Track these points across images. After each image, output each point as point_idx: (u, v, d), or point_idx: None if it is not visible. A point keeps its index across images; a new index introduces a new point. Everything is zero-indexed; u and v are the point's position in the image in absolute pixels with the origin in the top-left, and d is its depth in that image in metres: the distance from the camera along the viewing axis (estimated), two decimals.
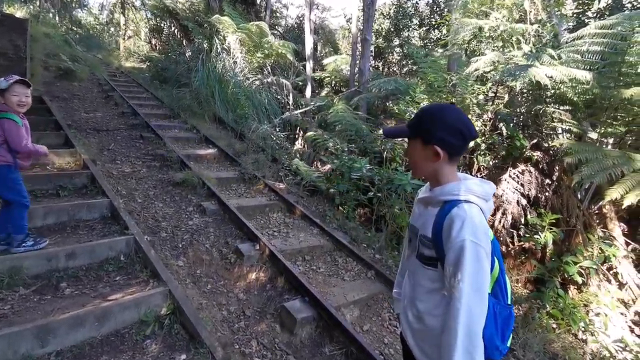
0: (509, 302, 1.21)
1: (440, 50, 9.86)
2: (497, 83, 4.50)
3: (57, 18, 17.95)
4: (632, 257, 4.04)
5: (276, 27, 15.72)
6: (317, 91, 12.45)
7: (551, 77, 3.25)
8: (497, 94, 4.72)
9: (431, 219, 1.17)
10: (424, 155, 1.17)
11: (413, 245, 1.29)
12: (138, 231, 3.26)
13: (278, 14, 19.33)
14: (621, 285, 3.91)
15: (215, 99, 8.16)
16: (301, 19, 16.24)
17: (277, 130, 7.93)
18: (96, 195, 3.82)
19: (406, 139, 1.27)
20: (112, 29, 20.25)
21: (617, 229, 4.19)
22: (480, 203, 1.12)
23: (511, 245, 4.17)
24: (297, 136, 9.75)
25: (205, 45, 10.13)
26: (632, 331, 3.57)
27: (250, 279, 3.27)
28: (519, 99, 4.51)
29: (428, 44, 11.38)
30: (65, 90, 8.26)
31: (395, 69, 12.43)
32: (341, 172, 5.42)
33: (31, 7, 18.02)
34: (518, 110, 4.51)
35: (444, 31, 11.44)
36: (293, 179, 5.72)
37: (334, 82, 12.53)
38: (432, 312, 1.20)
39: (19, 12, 16.74)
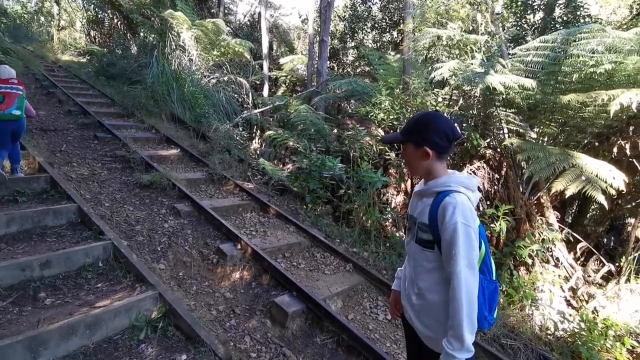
0: (494, 278, 1.43)
1: (393, 53, 10.38)
2: (452, 87, 4.93)
3: None
4: (564, 240, 4.68)
5: (228, 24, 15.41)
6: (273, 90, 12.45)
7: (503, 83, 3.68)
8: (452, 98, 5.16)
9: (427, 208, 1.38)
10: (417, 155, 1.40)
11: (412, 232, 1.49)
12: (115, 236, 3.16)
13: (228, 11, 18.93)
14: (557, 265, 4.53)
15: (172, 97, 7.88)
16: (253, 16, 16.07)
17: (240, 129, 7.86)
18: (60, 200, 3.61)
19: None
20: (42, 18, 18.46)
21: (552, 216, 4.81)
22: (468, 193, 1.34)
23: None
24: (254, 135, 9.72)
25: (157, 41, 9.69)
26: (569, 304, 4.16)
27: (234, 278, 3.31)
28: (472, 102, 4.99)
29: (381, 46, 11.89)
30: None
31: (349, 70, 12.81)
32: (310, 171, 5.57)
33: None
34: (471, 112, 4.98)
35: (395, 34, 12.04)
36: (261, 179, 5.77)
37: (289, 82, 12.62)
38: (432, 288, 1.40)
39: None
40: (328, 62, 12.63)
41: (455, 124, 5.32)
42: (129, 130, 6.56)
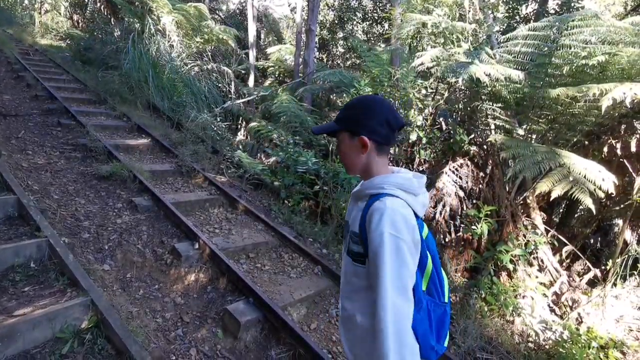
0: (445, 300, 1.18)
1: (383, 45, 10.07)
2: (438, 79, 4.65)
3: None
4: (549, 243, 4.45)
5: (217, 11, 14.93)
6: (260, 81, 12.08)
7: (489, 74, 3.41)
8: (438, 90, 4.88)
9: (359, 213, 1.14)
10: (353, 147, 1.16)
11: (345, 242, 1.25)
12: (52, 233, 2.84)
13: None
14: (541, 269, 4.30)
15: (149, 84, 7.49)
16: (244, 4, 15.59)
17: (219, 120, 7.51)
18: (0, 192, 3.26)
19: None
20: (26, 1, 17.76)
21: (538, 217, 4.58)
22: (407, 197, 1.09)
23: (450, 236, 4.36)
24: (239, 127, 9.37)
25: (136, 25, 9.25)
26: (552, 311, 3.94)
27: (189, 281, 3.01)
28: (458, 95, 4.71)
29: (371, 38, 11.55)
30: None
31: (339, 62, 12.47)
32: (287, 165, 5.27)
33: None
34: (457, 106, 4.71)
35: (387, 26, 11.71)
36: (236, 172, 5.45)
37: (278, 72, 12.24)
38: (363, 310, 1.14)
39: None
40: (317, 53, 12.29)
41: (441, 119, 5.05)
42: (98, 117, 6.18)
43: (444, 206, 4.10)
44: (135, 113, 6.74)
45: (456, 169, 4.15)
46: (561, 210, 5.99)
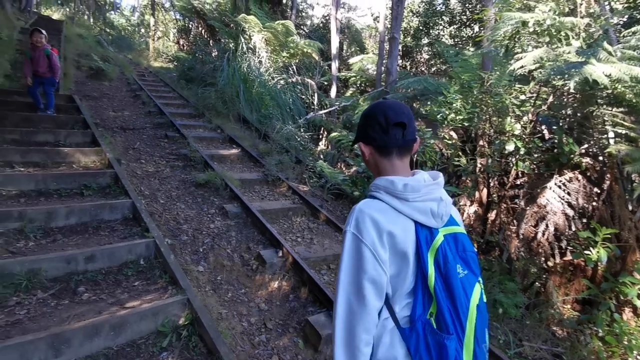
0: (451, 332, 0.95)
1: (472, 49, 9.44)
2: (540, 83, 4.15)
3: (91, 20, 18.55)
4: None
5: (302, 26, 15.62)
6: (342, 91, 12.24)
7: (609, 75, 2.92)
8: (539, 95, 4.35)
9: None
10: (362, 154, 1.13)
11: None
12: (159, 234, 3.16)
13: (304, 14, 19.25)
14: None
15: (240, 98, 8.09)
16: (327, 18, 16.05)
17: (302, 130, 7.77)
18: (119, 196, 3.76)
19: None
20: (142, 30, 20.74)
21: None
22: (392, 201, 1.00)
23: (554, 260, 3.82)
24: (320, 137, 9.58)
25: (231, 45, 10.12)
26: None
27: (272, 287, 3.10)
28: (565, 100, 4.14)
29: (459, 42, 10.92)
30: (95, 89, 8.42)
31: (423, 69, 12.03)
32: (367, 176, 5.20)
33: (67, 9, 18.70)
34: (563, 112, 4.14)
35: (476, 28, 10.97)
36: (317, 181, 5.54)
37: (359, 82, 12.27)
38: None
39: (56, 14, 17.40)
40: (400, 60, 12.03)
41: (543, 126, 4.50)
42: (197, 129, 6.84)
43: (547, 226, 3.61)
44: (227, 125, 7.31)
45: (563, 184, 3.63)
46: None
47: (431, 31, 11.24)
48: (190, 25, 16.78)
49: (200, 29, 15.81)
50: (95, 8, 20.20)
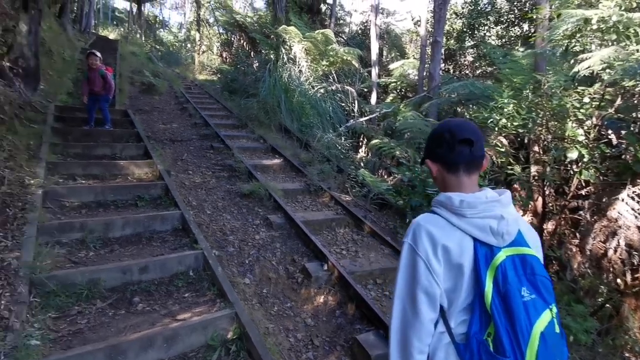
0: (509, 355, 0.90)
1: (522, 49, 8.94)
2: (605, 84, 3.80)
3: (142, 38, 19.82)
4: None
5: (340, 34, 15.66)
6: (381, 97, 12.08)
7: None
8: (605, 97, 3.99)
9: None
10: (431, 173, 1.15)
11: None
12: (206, 246, 3.22)
13: (342, 22, 19.34)
14: None
15: (281, 108, 8.20)
16: (365, 24, 16.00)
17: (342, 138, 7.71)
18: (169, 207, 3.89)
19: None
20: (188, 45, 21.83)
21: None
22: (449, 216, 1.02)
23: (626, 279, 3.44)
24: (360, 144, 9.48)
25: (271, 56, 10.34)
26: None
27: (318, 302, 3.04)
28: (636, 102, 3.76)
29: (507, 42, 10.41)
30: (147, 103, 8.91)
31: (467, 72, 11.58)
32: (412, 185, 5.02)
33: (122, 29, 20.12)
34: (635, 115, 3.75)
35: (526, 27, 10.40)
36: (360, 191, 5.44)
37: (400, 88, 12.06)
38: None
39: (112, 34, 18.78)
40: (442, 64, 11.67)
41: (609, 131, 4.12)
42: (240, 140, 7.00)
43: (619, 242, 3.27)
44: (269, 135, 7.42)
45: (638, 195, 3.27)
46: None
47: (476, 32, 10.81)
48: (232, 39, 17.42)
49: (242, 41, 16.36)
50: (147, 26, 21.58)
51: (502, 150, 4.70)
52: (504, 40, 10.50)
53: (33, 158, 4.12)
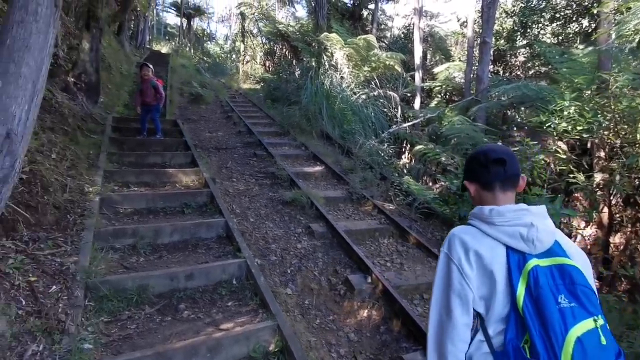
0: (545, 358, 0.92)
1: (582, 47, 8.26)
2: None
3: (191, 51, 20.89)
4: None
5: (382, 39, 15.49)
6: (425, 102, 11.72)
7: None
8: None
9: None
10: (469, 193, 1.22)
11: None
12: (249, 254, 3.23)
13: (384, 26, 19.14)
14: None
15: (323, 115, 8.19)
16: (407, 28, 15.69)
17: (385, 145, 7.54)
18: (214, 214, 3.97)
19: None
20: (233, 55, 22.68)
21: None
22: (481, 225, 1.10)
23: None
24: (403, 150, 9.23)
25: (313, 63, 10.41)
26: None
27: (361, 316, 2.93)
28: None
29: (564, 40, 9.69)
30: (194, 113, 9.31)
31: (518, 73, 10.93)
32: (460, 194, 4.75)
33: (173, 43, 21.34)
34: None
35: (585, 23, 9.63)
36: (404, 199, 5.25)
37: (444, 92, 11.65)
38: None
39: (164, 49, 19.96)
40: (491, 66, 11.12)
41: None
42: (282, 147, 7.07)
43: None
44: (311, 142, 7.42)
45: None
46: None
47: (528, 31, 10.18)
48: (275, 48, 17.83)
49: (284, 50, 16.70)
50: (195, 40, 22.73)
51: (563, 156, 4.32)
52: (560, 38, 9.78)
53: (92, 167, 4.40)
